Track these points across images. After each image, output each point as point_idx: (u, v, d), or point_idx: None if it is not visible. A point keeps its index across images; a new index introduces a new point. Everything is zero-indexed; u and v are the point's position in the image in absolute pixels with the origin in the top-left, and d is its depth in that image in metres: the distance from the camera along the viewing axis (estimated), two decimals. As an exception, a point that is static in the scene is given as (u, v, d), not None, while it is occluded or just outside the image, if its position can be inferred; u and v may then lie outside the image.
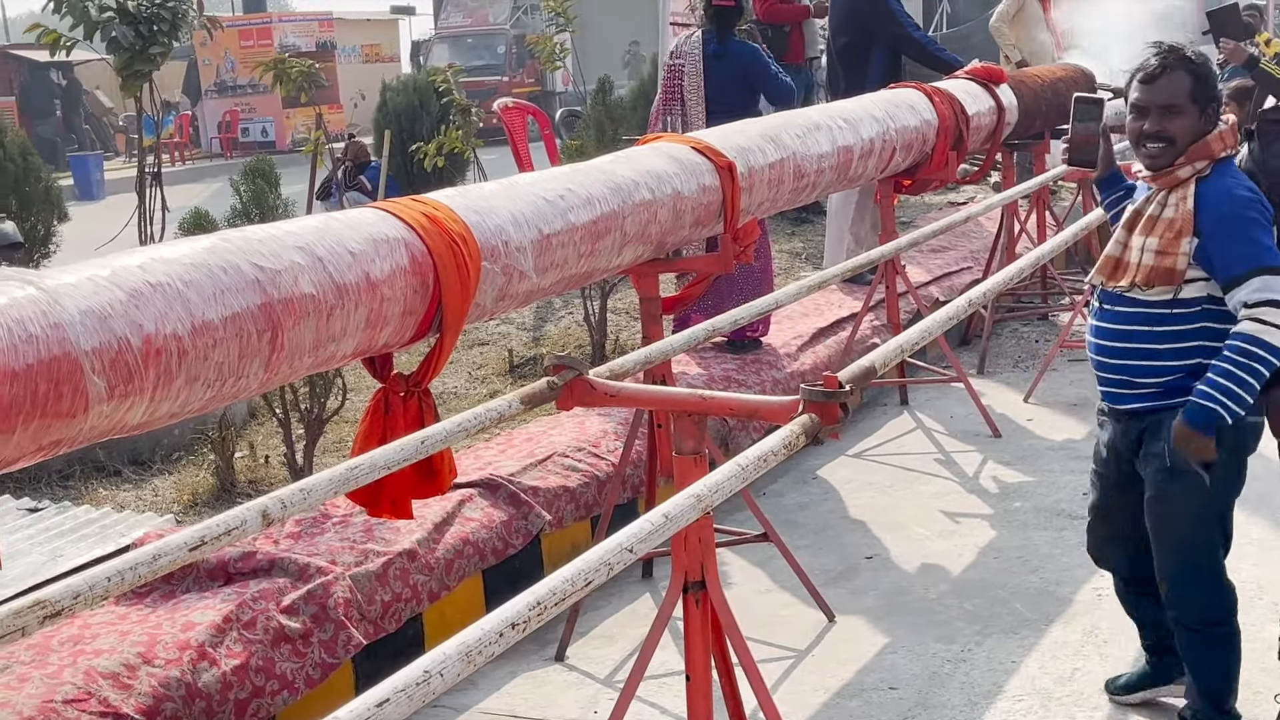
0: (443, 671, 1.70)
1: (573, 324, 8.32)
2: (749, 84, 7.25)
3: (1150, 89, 3.59)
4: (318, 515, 4.78)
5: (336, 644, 4.24)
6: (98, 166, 22.60)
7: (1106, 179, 4.04)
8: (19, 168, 8.93)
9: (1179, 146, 3.57)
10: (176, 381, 2.70)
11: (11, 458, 2.52)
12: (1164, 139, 3.58)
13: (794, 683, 4.46)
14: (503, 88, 26.63)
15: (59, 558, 4.84)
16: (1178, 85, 3.58)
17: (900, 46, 8.78)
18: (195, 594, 4.30)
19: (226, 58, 29.39)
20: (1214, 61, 3.78)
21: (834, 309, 8.24)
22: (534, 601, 1.91)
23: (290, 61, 10.38)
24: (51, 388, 2.47)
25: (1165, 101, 3.57)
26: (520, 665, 4.70)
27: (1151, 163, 3.62)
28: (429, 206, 3.46)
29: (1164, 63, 3.59)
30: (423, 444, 2.92)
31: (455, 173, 12.01)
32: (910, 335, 3.27)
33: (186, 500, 5.58)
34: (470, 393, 7.10)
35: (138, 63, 7.50)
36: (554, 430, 5.94)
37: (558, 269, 3.85)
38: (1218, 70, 4.72)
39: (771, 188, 5.02)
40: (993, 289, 3.98)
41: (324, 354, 3.10)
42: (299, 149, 14.16)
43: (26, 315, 2.48)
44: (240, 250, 2.91)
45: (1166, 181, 3.61)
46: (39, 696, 3.66)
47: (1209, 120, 3.60)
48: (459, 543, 4.84)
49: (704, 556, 3.09)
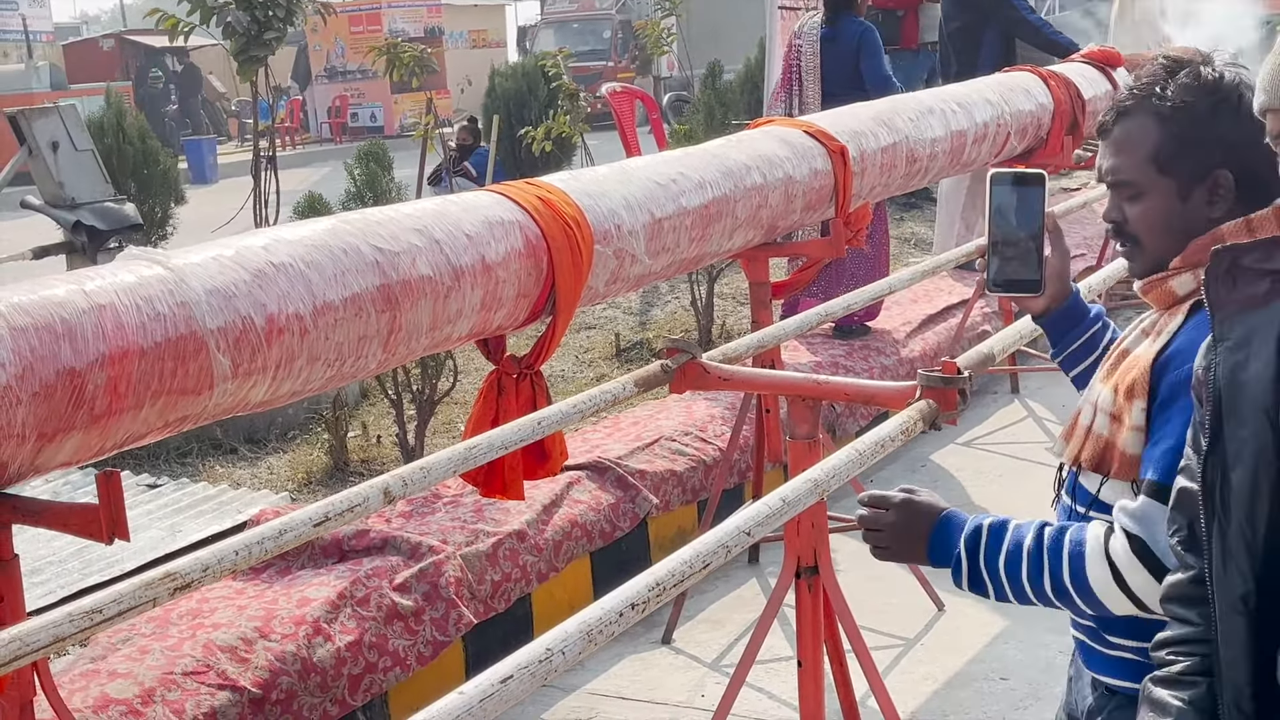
0: (564, 650, 1.71)
1: (679, 309, 8.32)
2: (859, 65, 7.18)
3: (1101, 150, 2.14)
4: (428, 495, 4.83)
5: (448, 622, 4.29)
6: (211, 150, 23.02)
7: (1059, 315, 2.34)
8: (138, 151, 9.11)
9: (1146, 246, 2.09)
10: (298, 361, 2.75)
11: (140, 433, 2.58)
12: (1122, 234, 2.13)
13: (902, 671, 4.43)
14: (608, 73, 26.67)
15: (178, 533, 4.94)
16: (1134, 145, 2.07)
17: (1014, 30, 8.65)
18: (310, 570, 4.37)
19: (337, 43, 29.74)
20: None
21: (943, 295, 8.15)
22: (653, 582, 1.91)
23: (402, 46, 10.46)
24: (178, 365, 2.53)
25: (1115, 173, 2.10)
26: (628, 648, 4.72)
27: (1129, 269, 2.18)
28: (543, 190, 3.48)
29: (1121, 106, 2.10)
30: (539, 425, 2.95)
31: (563, 158, 12.06)
32: (1027, 322, 3.23)
33: (300, 478, 5.67)
34: (578, 376, 7.13)
35: (253, 48, 7.61)
36: (661, 414, 5.95)
37: (669, 253, 3.85)
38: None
39: (884, 172, 4.98)
40: (1109, 277, 3.91)
41: (440, 335, 3.14)
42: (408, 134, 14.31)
43: (154, 294, 2.54)
44: (360, 232, 2.95)
45: (1160, 298, 2.08)
46: (159, 668, 3.75)
47: (1215, 197, 2.02)
48: (567, 524, 4.87)
49: (817, 542, 3.08)
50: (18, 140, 7.09)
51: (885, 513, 2.11)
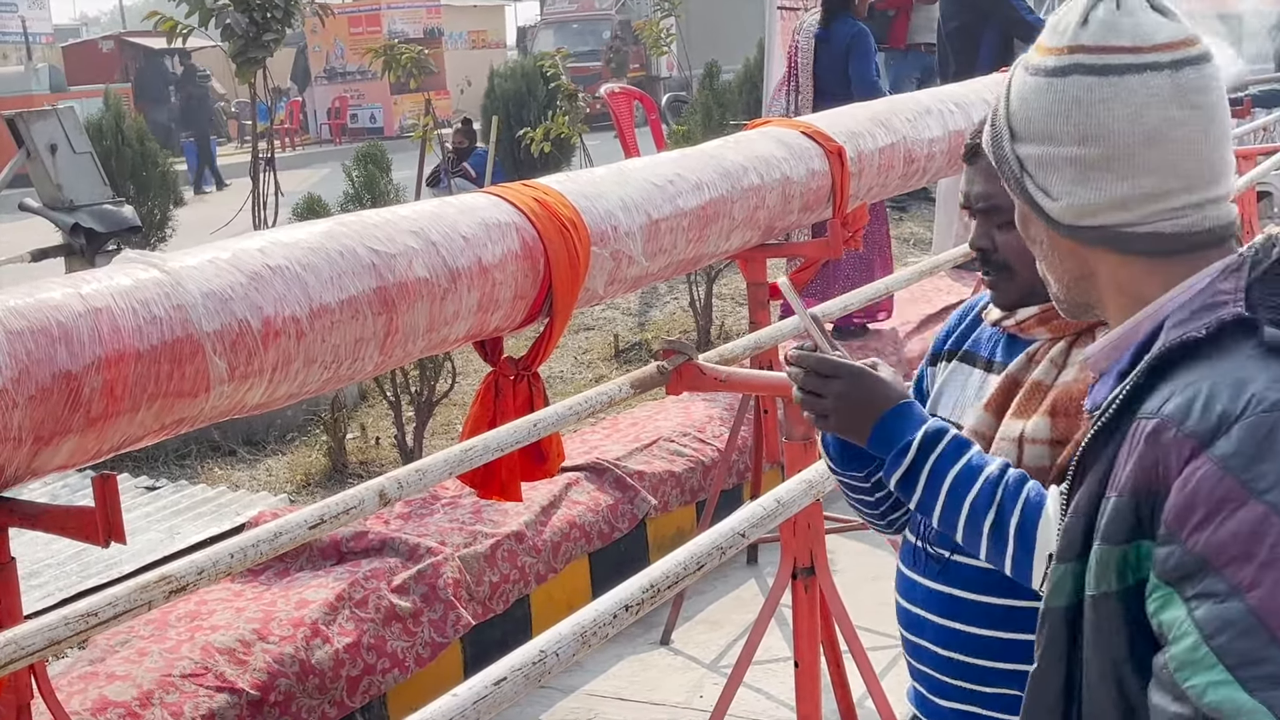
0: (558, 651, 1.72)
1: (678, 309, 8.33)
2: (848, 66, 7.18)
3: (966, 175, 2.00)
4: (427, 497, 4.84)
5: (446, 624, 4.29)
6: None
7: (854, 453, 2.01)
8: (136, 153, 9.12)
9: (1019, 274, 1.94)
10: (295, 363, 2.75)
11: (136, 436, 2.58)
12: (990, 262, 1.98)
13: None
14: (607, 73, 26.68)
15: (176, 535, 4.95)
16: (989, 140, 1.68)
17: (1013, 30, 8.65)
18: (308, 572, 4.37)
19: (336, 44, 29.74)
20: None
21: (942, 295, 8.16)
22: (647, 584, 1.92)
23: (400, 47, 10.48)
24: (174, 368, 2.53)
25: (986, 199, 1.96)
26: (626, 649, 4.72)
27: (994, 298, 2.02)
28: (540, 191, 3.48)
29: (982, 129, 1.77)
30: (535, 426, 2.95)
31: (562, 158, 12.06)
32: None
33: (299, 480, 5.68)
34: (576, 377, 7.13)
35: (251, 49, 7.61)
36: (659, 415, 5.96)
37: (666, 254, 3.86)
38: None
39: (881, 173, 4.98)
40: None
41: (437, 337, 3.14)
42: (407, 135, 14.30)
43: (151, 297, 2.54)
44: (356, 234, 2.96)
45: (1061, 326, 1.96)
46: (158, 670, 3.75)
47: None
48: (565, 525, 4.88)
49: (813, 543, 3.08)
50: (16, 143, 7.09)
51: (834, 381, 1.86)
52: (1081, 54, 1.37)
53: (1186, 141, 1.34)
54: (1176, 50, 1.35)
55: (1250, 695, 1.14)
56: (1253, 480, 1.19)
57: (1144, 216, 1.36)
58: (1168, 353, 1.31)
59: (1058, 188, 1.38)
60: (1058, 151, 1.37)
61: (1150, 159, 1.34)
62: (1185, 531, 1.22)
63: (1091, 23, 1.37)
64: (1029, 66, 1.43)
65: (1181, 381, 1.28)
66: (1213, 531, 1.20)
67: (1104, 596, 1.31)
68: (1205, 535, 1.20)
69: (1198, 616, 1.19)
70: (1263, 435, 1.21)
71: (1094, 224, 1.37)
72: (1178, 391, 1.27)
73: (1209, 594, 1.19)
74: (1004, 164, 1.45)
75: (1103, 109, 1.35)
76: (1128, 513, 1.28)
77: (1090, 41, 1.37)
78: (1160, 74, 1.34)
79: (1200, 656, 1.18)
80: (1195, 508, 1.21)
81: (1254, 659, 1.15)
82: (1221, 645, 1.17)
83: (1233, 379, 1.25)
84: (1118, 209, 1.36)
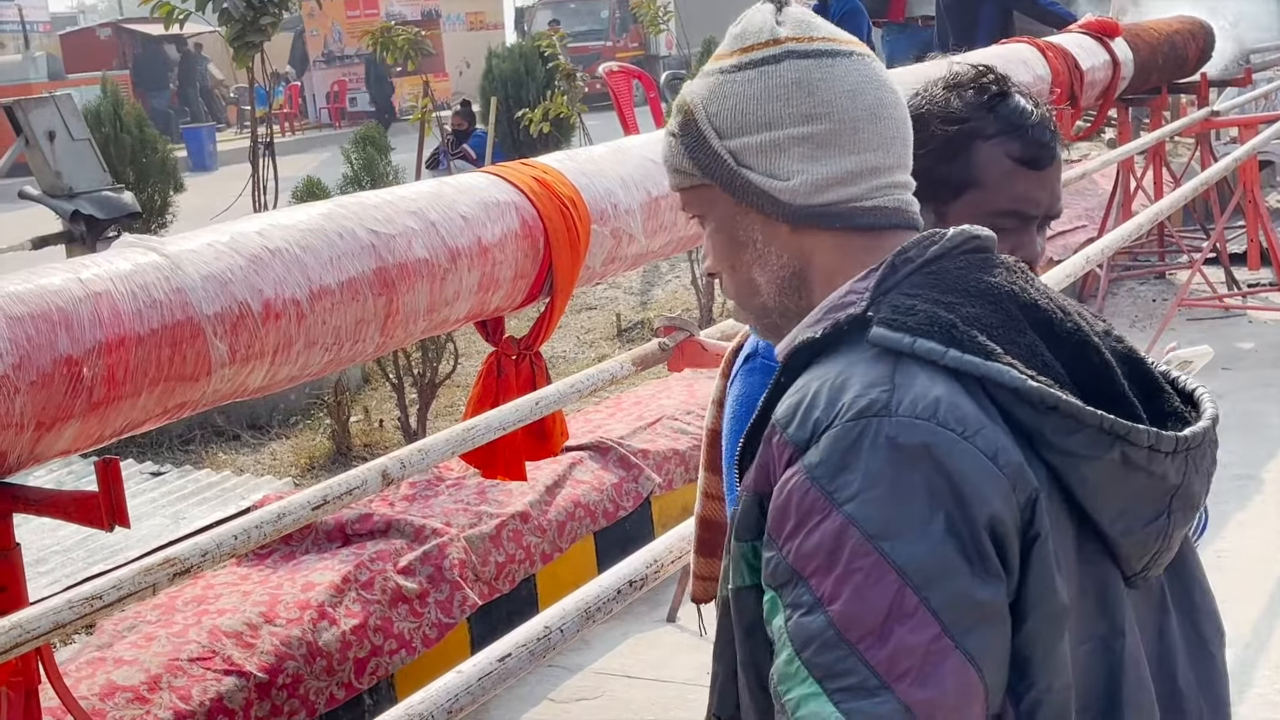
0: (562, 627, 1.72)
1: (680, 288, 8.32)
2: None
3: None
4: (431, 478, 4.84)
5: (452, 604, 4.29)
6: (210, 138, 22.98)
7: None
8: (135, 139, 9.11)
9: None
10: (295, 345, 2.75)
11: (138, 420, 2.58)
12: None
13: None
14: (606, 53, 26.61)
15: (181, 520, 4.95)
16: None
17: (1012, 2, 8.63)
18: (314, 555, 4.38)
19: (334, 28, 29.69)
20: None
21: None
22: (651, 559, 1.92)
23: (396, 30, 10.44)
24: (175, 351, 2.53)
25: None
26: (633, 626, 4.73)
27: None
28: (539, 170, 3.47)
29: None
30: (537, 405, 2.95)
31: (561, 138, 12.04)
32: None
33: (304, 463, 5.68)
34: (579, 356, 7.13)
35: (249, 34, 7.59)
36: (663, 393, 5.96)
37: (666, 231, 3.85)
38: None
39: (881, 147, 4.97)
40: (1109, 247, 3.91)
41: (438, 317, 3.14)
42: (405, 118, 14.27)
43: (150, 281, 2.54)
44: (355, 216, 2.95)
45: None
46: (165, 654, 3.76)
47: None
48: (570, 505, 4.88)
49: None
50: (14, 130, 7.08)
51: None
52: (791, 43, 1.39)
53: (896, 121, 1.39)
54: (856, 45, 1.41)
55: (835, 708, 1.16)
56: (835, 491, 1.20)
57: (868, 191, 1.37)
58: (794, 353, 1.32)
59: (788, 167, 1.37)
60: (782, 134, 1.37)
61: (873, 134, 1.37)
62: (781, 539, 1.23)
63: (788, 20, 1.41)
64: (721, 69, 1.42)
65: (800, 383, 1.29)
66: (800, 542, 1.21)
67: (738, 591, 1.33)
68: (795, 545, 1.22)
69: (790, 628, 1.21)
70: (847, 445, 1.21)
71: (823, 200, 1.37)
72: (792, 394, 1.28)
73: (798, 605, 1.21)
74: (715, 163, 1.40)
75: (824, 87, 1.37)
76: (753, 509, 1.29)
77: (795, 34, 1.40)
78: (861, 60, 1.38)
79: (795, 670, 1.20)
80: (789, 516, 1.23)
81: (837, 672, 1.17)
82: (809, 659, 1.19)
83: (836, 383, 1.25)
84: (846, 183, 1.37)
